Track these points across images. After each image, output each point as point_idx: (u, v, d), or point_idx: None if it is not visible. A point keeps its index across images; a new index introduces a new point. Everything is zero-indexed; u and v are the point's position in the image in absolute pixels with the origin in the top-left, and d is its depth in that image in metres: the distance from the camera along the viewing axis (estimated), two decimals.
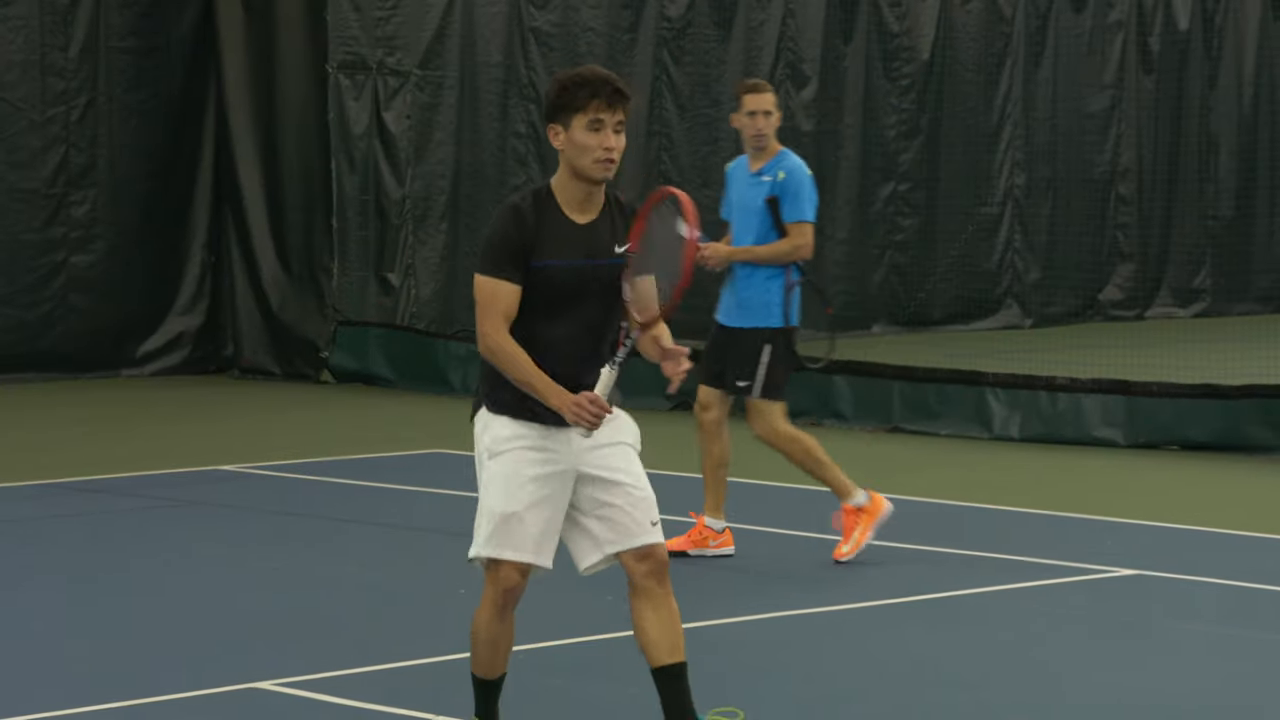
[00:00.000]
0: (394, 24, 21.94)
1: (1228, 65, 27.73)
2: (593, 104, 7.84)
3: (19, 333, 20.58)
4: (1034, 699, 9.38)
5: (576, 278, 7.88)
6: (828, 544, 12.58)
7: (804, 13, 24.52)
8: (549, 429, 7.89)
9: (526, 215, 7.88)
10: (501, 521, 7.94)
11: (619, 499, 7.96)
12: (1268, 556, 12.69)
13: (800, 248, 12.38)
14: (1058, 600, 11.53)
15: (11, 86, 20.57)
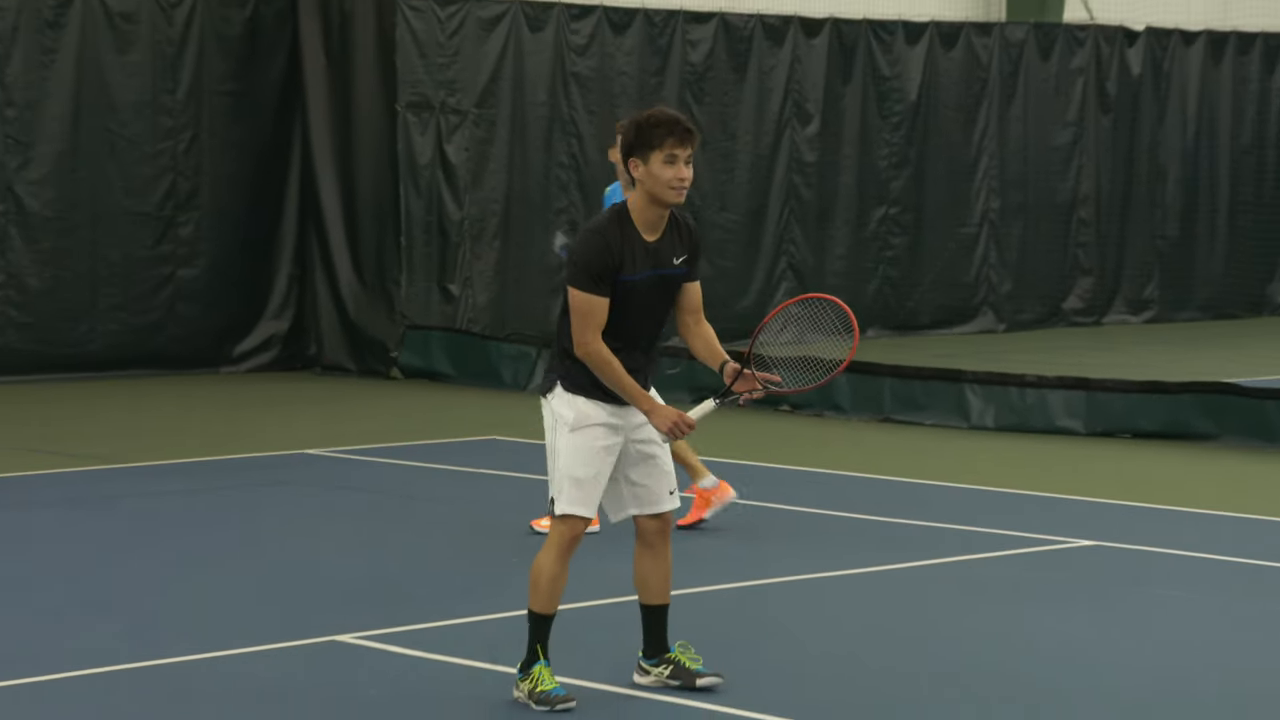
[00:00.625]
0: (454, 69, 21.92)
1: (1173, 106, 27.64)
2: (668, 141, 8.03)
3: (134, 335, 20.60)
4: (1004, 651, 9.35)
5: (648, 286, 8.15)
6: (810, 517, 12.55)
7: (808, 58, 24.47)
8: (614, 407, 8.20)
9: (612, 239, 8.09)
10: (578, 485, 8.19)
11: (651, 471, 8.34)
12: (1208, 529, 12.64)
13: None
14: (1026, 566, 11.48)
15: (128, 124, 20.57)
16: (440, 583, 10.91)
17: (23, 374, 19.79)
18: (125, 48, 20.54)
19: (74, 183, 20.26)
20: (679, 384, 15.85)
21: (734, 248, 23.85)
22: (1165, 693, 8.64)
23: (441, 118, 21.81)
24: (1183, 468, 15.21)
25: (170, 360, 20.78)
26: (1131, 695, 8.58)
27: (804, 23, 24.43)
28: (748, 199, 24.01)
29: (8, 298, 19.87)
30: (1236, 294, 28.15)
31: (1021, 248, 26.32)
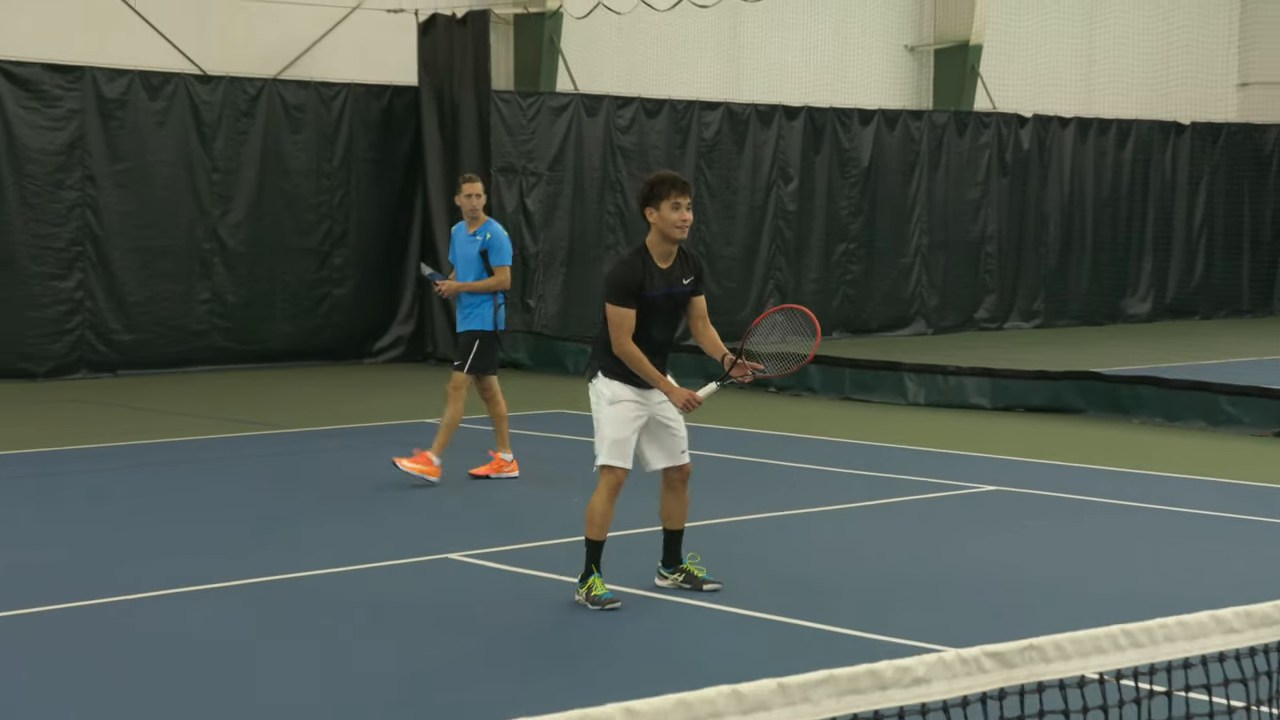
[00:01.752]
0: (532, 143, 21.95)
1: (1053, 171, 27.54)
2: (673, 193, 8.24)
3: (302, 336, 20.65)
4: (932, 567, 9.34)
5: (663, 300, 8.29)
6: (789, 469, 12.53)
7: (789, 136, 24.45)
8: (642, 390, 8.35)
9: (636, 266, 8.27)
10: (615, 444, 8.36)
11: (670, 436, 8.54)
12: (1080, 478, 12.63)
13: (503, 282, 12.13)
14: (947, 504, 11.49)
15: (298, 184, 20.64)
16: (523, 516, 10.95)
17: (224, 365, 19.92)
18: (297, 129, 20.63)
19: (260, 226, 20.34)
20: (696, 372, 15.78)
21: (735, 273, 23.86)
22: (1047, 590, 8.64)
23: (523, 179, 21.86)
24: (1061, 433, 15.20)
25: (328, 354, 20.85)
26: (1024, 590, 8.59)
27: (786, 110, 24.42)
28: (744, 237, 24.01)
29: (213, 309, 19.96)
30: (1099, 307, 28.06)
31: (944, 273, 26.26)
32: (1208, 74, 29.32)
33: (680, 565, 8.68)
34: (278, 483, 12.35)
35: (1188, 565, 9.50)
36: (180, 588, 8.64)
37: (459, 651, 7.58)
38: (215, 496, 11.63)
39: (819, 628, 7.94)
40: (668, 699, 2.88)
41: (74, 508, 11.28)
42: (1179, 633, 3.59)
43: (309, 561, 9.32)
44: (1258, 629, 3.71)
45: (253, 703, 6.80)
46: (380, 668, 7.24)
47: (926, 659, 3.22)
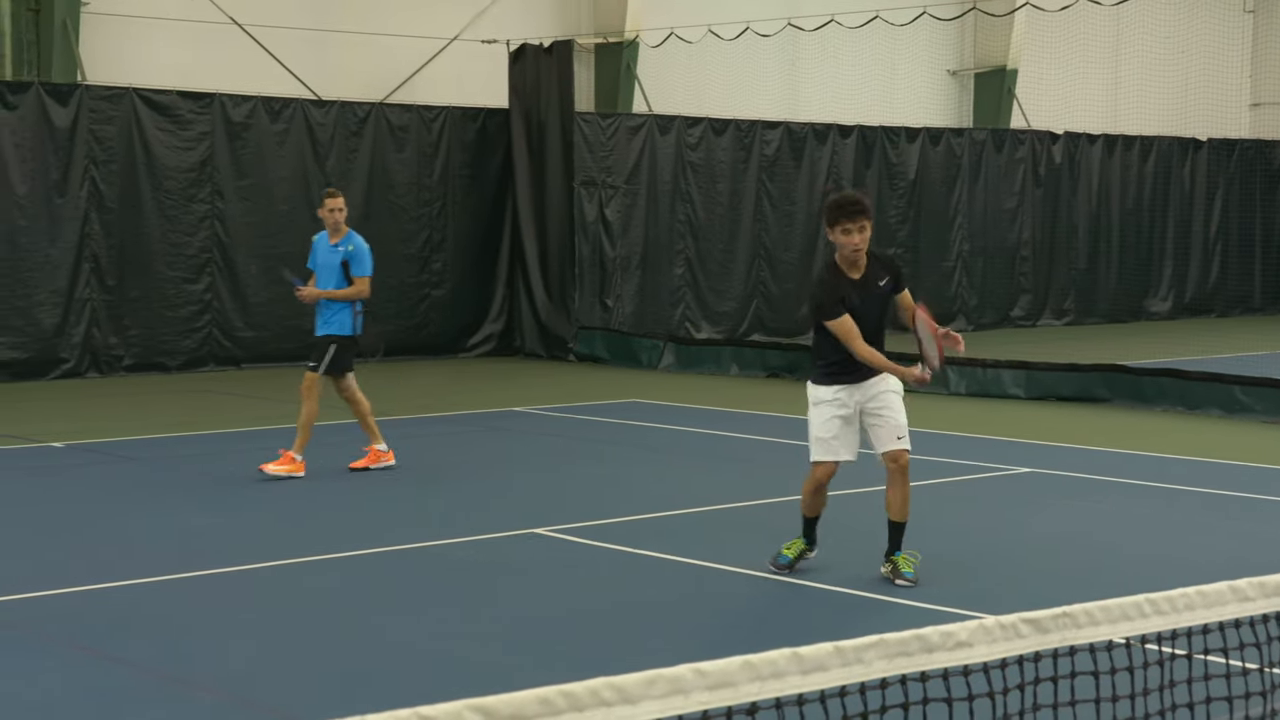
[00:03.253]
0: (611, 159, 21.96)
1: (1082, 183, 27.29)
2: (842, 219, 7.90)
3: (406, 333, 20.77)
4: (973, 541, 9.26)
5: (864, 306, 8.05)
6: None
7: (842, 152, 24.33)
8: (840, 388, 8.11)
9: (831, 283, 8.04)
10: (817, 441, 8.16)
11: (881, 425, 8.18)
12: (1106, 460, 12.52)
13: (362, 291, 11.79)
14: (985, 485, 11.41)
15: (402, 196, 20.76)
16: (604, 495, 10.95)
17: None
18: (401, 148, 20.75)
19: (368, 234, 19.85)
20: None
21: (794, 275, 23.76)
22: (1078, 562, 8.57)
23: (602, 191, 21.86)
24: (1089, 421, 15.07)
25: (428, 349, 20.96)
26: (1057, 561, 8.52)
27: (840, 129, 24.30)
28: (802, 242, 23.92)
29: None
30: (1124, 306, 27.77)
31: (983, 275, 26.07)
32: (1223, 95, 28.95)
33: (892, 556, 8.21)
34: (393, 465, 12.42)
35: (1205, 540, 9.39)
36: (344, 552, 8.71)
37: (544, 616, 7.60)
38: (322, 477, 11.71)
39: (871, 597, 7.91)
40: (734, 660, 2.88)
41: (195, 486, 11.39)
42: (1198, 601, 3.55)
43: (406, 533, 9.37)
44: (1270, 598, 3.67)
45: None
46: (475, 627, 7.27)
47: (968, 625, 3.21)
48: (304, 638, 7.15)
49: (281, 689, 6.37)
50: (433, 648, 6.99)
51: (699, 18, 22.84)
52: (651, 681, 2.79)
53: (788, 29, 23.23)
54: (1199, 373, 15.79)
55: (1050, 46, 27.02)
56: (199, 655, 6.84)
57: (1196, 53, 28.63)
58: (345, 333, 11.76)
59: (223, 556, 8.73)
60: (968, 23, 26.45)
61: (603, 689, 2.74)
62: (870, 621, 7.16)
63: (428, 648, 6.99)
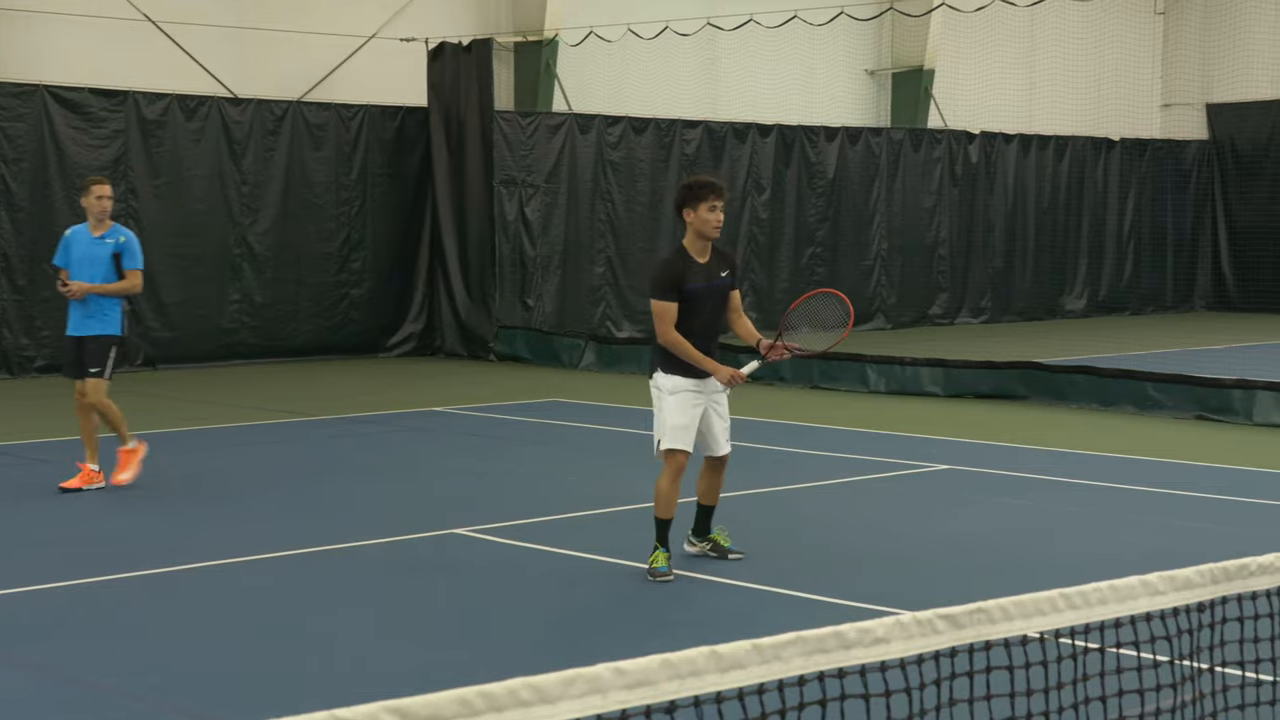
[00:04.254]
0: (531, 158, 21.91)
1: (999, 182, 27.56)
2: (710, 196, 8.22)
3: (324, 333, 20.63)
4: (891, 538, 9.33)
5: (704, 293, 8.27)
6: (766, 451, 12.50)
7: (762, 151, 24.44)
8: (698, 381, 8.27)
9: (677, 263, 8.25)
10: (677, 429, 8.24)
11: (717, 425, 8.47)
12: (1022, 457, 12.65)
13: (136, 286, 10.98)
14: (904, 482, 11.50)
15: (320, 195, 20.61)
16: (524, 494, 10.92)
17: (253, 359, 19.89)
18: (319, 146, 20.60)
19: (285, 234, 20.32)
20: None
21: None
22: (993, 557, 8.66)
23: (522, 190, 21.81)
24: (1006, 417, 15.23)
25: (347, 349, 20.83)
26: (972, 558, 8.60)
27: (759, 128, 24.41)
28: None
29: (242, 309, 19.94)
30: (1040, 304, 28.10)
31: (902, 274, 26.27)
32: (1134, 95, 29.40)
33: (709, 535, 8.73)
34: (303, 464, 12.32)
35: (1118, 535, 9.52)
36: (240, 556, 8.63)
37: (462, 616, 7.58)
38: (242, 478, 11.60)
39: (789, 594, 7.95)
40: (653, 659, 2.89)
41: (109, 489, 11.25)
42: (1110, 595, 3.60)
43: (333, 534, 9.31)
44: (1180, 591, 3.72)
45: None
46: (392, 629, 7.24)
47: (885, 621, 3.23)
48: (224, 639, 7.08)
49: (200, 691, 6.30)
50: (350, 649, 6.94)
51: (618, 17, 22.85)
52: (570, 681, 2.79)
53: (707, 28, 23.31)
54: (1113, 370, 16.00)
55: (966, 47, 27.30)
56: (115, 659, 6.75)
57: (1109, 54, 29.05)
58: (118, 332, 10.95)
59: (141, 559, 8.62)
60: (885, 23, 26.66)
61: (521, 689, 2.73)
62: (788, 619, 7.19)
63: (345, 649, 6.94)
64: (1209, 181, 29.94)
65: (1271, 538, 8.84)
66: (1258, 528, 9.70)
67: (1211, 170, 29.92)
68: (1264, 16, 29.07)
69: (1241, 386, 14.81)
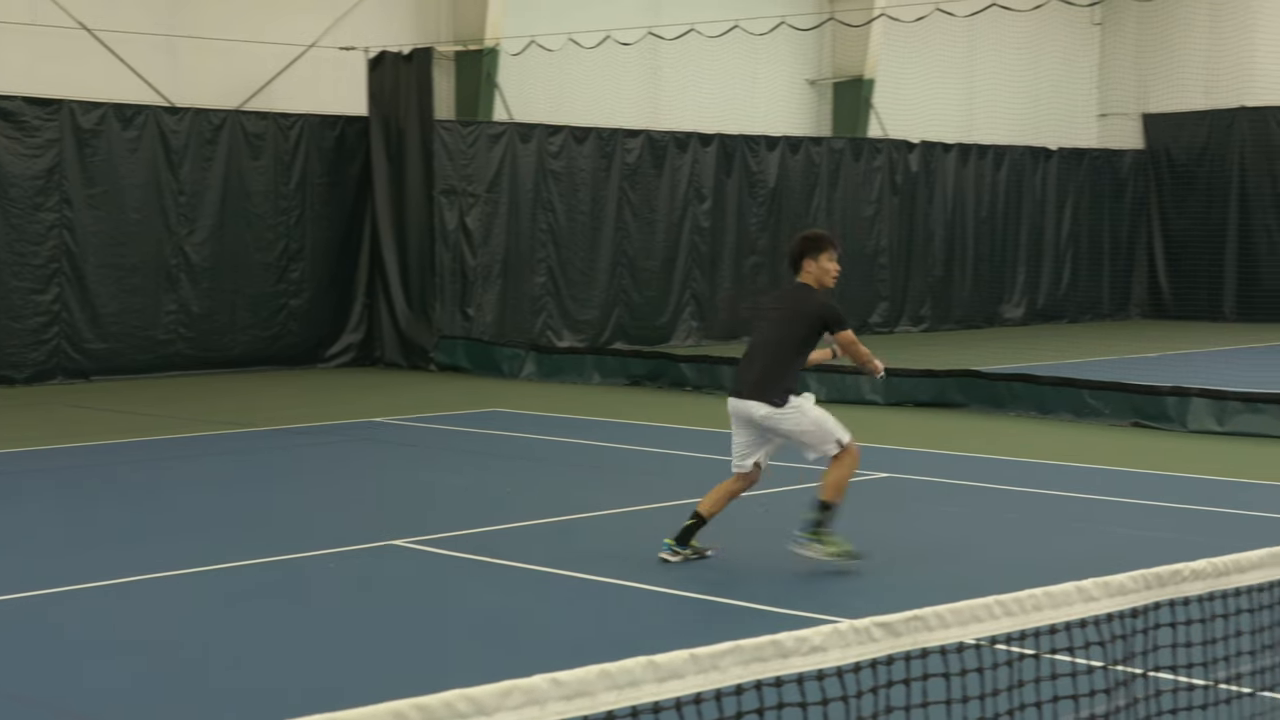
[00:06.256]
0: (472, 167, 21.86)
1: (938, 191, 27.75)
2: (830, 249, 9.05)
3: (262, 343, 20.47)
4: None
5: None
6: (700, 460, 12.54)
7: (703, 160, 24.49)
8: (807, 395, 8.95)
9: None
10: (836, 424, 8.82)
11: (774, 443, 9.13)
12: (963, 465, 12.73)
13: None
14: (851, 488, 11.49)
15: (258, 205, 20.46)
16: (464, 505, 10.89)
17: (189, 370, 19.72)
18: (257, 155, 20.47)
19: (222, 244, 20.17)
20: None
21: (655, 283, 23.87)
22: (932, 565, 8.71)
23: (463, 199, 21.76)
24: (946, 425, 15.33)
25: (286, 360, 20.67)
26: (911, 565, 8.65)
27: (701, 137, 24.47)
28: (664, 251, 24.03)
29: (179, 320, 19.76)
30: (979, 312, 28.31)
31: (842, 282, 25.91)
32: (1072, 105, 29.74)
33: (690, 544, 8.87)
34: (243, 475, 12.23)
35: (1054, 542, 9.60)
36: (160, 573, 8.56)
37: (401, 629, 7.55)
38: (169, 495, 11.51)
39: (727, 603, 7.97)
40: (590, 669, 2.89)
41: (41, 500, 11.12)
42: (1046, 602, 3.64)
43: (265, 547, 9.24)
44: (1114, 597, 3.76)
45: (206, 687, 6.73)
46: (329, 643, 7.20)
47: (823, 629, 3.25)
48: (160, 655, 7.01)
49: (136, 707, 6.24)
50: (287, 661, 6.89)
51: (559, 25, 22.86)
52: (507, 692, 2.79)
53: (648, 38, 23.35)
54: (1051, 377, 16.14)
55: (906, 57, 27.49)
56: (57, 678, 6.68)
57: (1047, 64, 29.35)
58: None
59: (72, 574, 8.52)
60: (826, 33, 26.81)
61: (457, 701, 2.73)
62: (726, 628, 7.21)
63: (282, 661, 6.89)
64: (1145, 191, 30.29)
65: (1204, 544, 8.95)
66: (1191, 534, 9.81)
67: (1147, 179, 30.28)
68: (1197, 28, 29.47)
69: (1177, 394, 14.98)
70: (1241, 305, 29.02)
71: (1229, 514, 10.45)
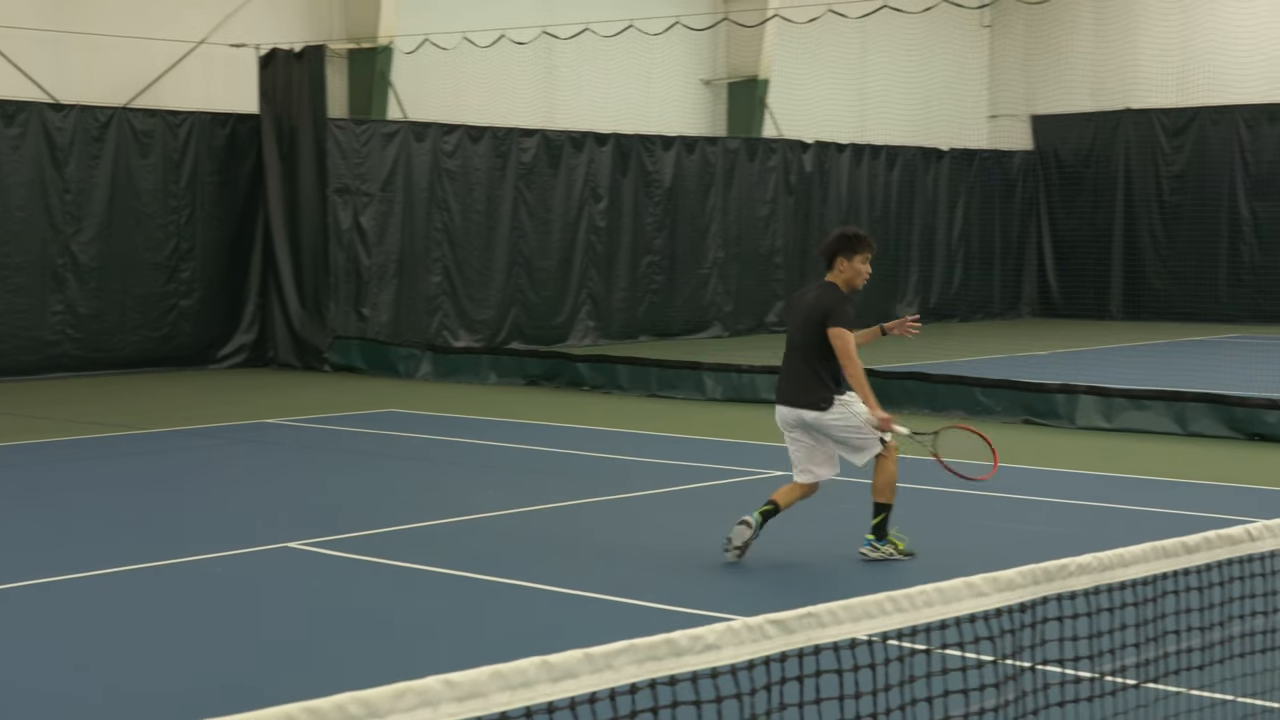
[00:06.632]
0: (365, 166, 21.70)
1: (832, 191, 27.96)
2: (867, 250, 8.81)
3: (152, 344, 20.17)
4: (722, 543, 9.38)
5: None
6: (602, 460, 12.55)
7: (599, 160, 24.49)
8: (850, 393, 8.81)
9: (850, 301, 8.81)
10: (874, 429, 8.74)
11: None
12: None
13: None
14: (741, 488, 11.58)
15: (147, 204, 20.16)
16: (360, 507, 10.81)
17: (76, 372, 19.40)
18: (145, 153, 20.17)
19: (110, 243, 19.86)
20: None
21: (552, 283, 23.84)
22: (825, 562, 8.77)
23: (357, 199, 21.59)
24: None
25: (176, 361, 20.40)
26: (805, 562, 8.69)
27: (596, 136, 24.47)
28: (560, 251, 24.00)
29: (66, 320, 19.43)
30: (872, 311, 28.32)
31: (738, 281, 26.51)
32: (962, 107, 30.13)
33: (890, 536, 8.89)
34: (131, 479, 12.05)
35: (944, 538, 9.72)
36: (41, 579, 8.40)
37: (294, 632, 7.48)
38: (62, 495, 11.31)
39: (622, 601, 7.98)
40: (483, 670, 2.88)
41: None
42: (936, 598, 3.68)
43: (160, 550, 9.11)
44: (1003, 593, 3.82)
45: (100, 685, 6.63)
46: (221, 645, 7.11)
47: (716, 628, 3.26)
48: (41, 660, 6.89)
49: (15, 714, 6.12)
50: (177, 665, 6.80)
51: (454, 24, 22.76)
52: (400, 694, 2.77)
53: (543, 37, 23.32)
54: (942, 375, 16.35)
55: (800, 57, 27.70)
56: None
57: (938, 66, 29.71)
58: None
59: None
60: (720, 33, 26.95)
61: (349, 704, 2.71)
62: (620, 627, 7.22)
63: (173, 665, 6.80)
64: (1034, 191, 30.78)
65: (1091, 538, 9.11)
66: (1078, 528, 9.99)
67: (1036, 180, 30.77)
68: (1083, 31, 30.01)
69: (1065, 391, 15.24)
70: (1128, 304, 29.60)
71: (1115, 509, 10.65)
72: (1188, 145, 29.19)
